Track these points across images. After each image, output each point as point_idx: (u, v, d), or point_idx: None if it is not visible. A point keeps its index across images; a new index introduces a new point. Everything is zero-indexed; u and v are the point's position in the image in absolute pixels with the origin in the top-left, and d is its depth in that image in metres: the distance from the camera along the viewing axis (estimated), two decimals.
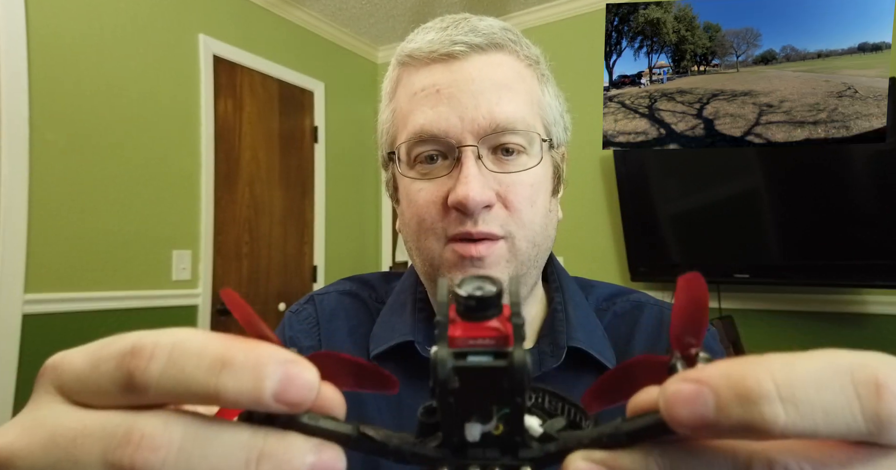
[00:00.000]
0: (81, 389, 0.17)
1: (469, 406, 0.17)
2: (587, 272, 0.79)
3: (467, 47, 0.46)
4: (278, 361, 0.16)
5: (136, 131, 1.95)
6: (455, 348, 0.16)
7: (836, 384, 0.13)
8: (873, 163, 1.71)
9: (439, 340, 0.16)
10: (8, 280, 1.60)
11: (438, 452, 0.18)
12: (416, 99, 0.47)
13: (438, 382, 0.16)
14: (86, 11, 1.82)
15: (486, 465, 0.17)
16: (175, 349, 0.16)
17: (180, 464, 0.15)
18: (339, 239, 2.82)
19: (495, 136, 0.45)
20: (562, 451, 0.17)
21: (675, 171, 2.07)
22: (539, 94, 0.50)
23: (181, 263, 2.07)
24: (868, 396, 0.13)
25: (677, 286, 0.17)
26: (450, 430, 0.17)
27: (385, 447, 0.18)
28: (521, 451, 0.18)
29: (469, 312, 0.17)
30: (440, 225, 0.46)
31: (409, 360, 0.49)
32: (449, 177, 0.46)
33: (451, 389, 0.16)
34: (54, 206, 1.73)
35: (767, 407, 0.13)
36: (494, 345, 0.17)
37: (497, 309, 0.17)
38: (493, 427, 0.17)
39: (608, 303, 0.56)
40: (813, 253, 1.79)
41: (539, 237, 0.48)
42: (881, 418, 0.13)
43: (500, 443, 0.17)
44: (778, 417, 0.13)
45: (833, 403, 0.13)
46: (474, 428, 0.17)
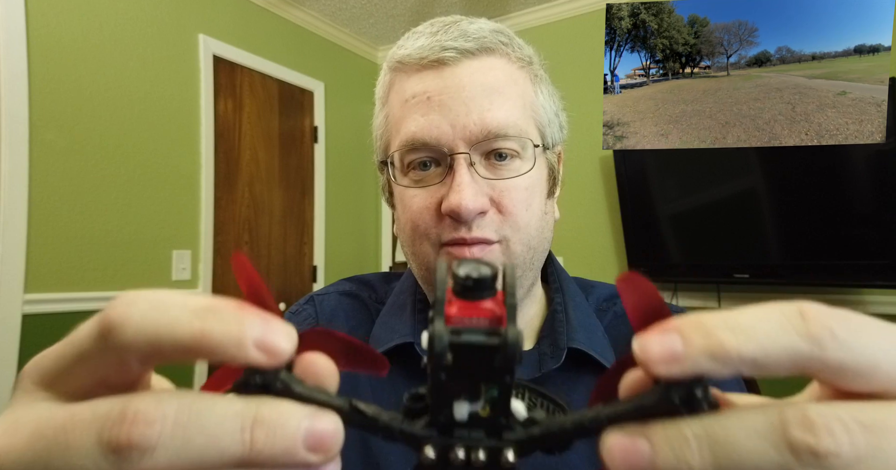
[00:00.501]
0: (64, 365, 0.18)
1: (459, 383, 0.17)
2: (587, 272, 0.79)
3: (457, 53, 0.46)
4: (259, 315, 0.17)
5: (136, 131, 1.95)
6: (451, 326, 0.17)
7: (770, 317, 0.16)
8: (873, 163, 1.71)
9: (436, 316, 0.17)
10: (8, 280, 1.60)
11: (426, 430, 0.18)
12: (408, 106, 0.47)
13: (434, 356, 0.16)
14: (86, 11, 1.82)
15: (471, 445, 0.18)
16: (157, 297, 0.17)
17: (177, 436, 0.15)
18: (339, 239, 2.82)
19: (487, 143, 0.45)
20: (544, 435, 0.18)
21: (674, 171, 2.07)
22: (532, 96, 0.49)
23: (181, 263, 2.07)
24: (796, 320, 0.16)
25: (618, 290, 0.19)
26: (438, 408, 0.18)
27: (375, 422, 0.18)
28: (506, 433, 0.18)
29: (466, 291, 0.18)
30: (434, 231, 0.46)
31: (409, 361, 0.49)
32: (442, 184, 0.46)
33: (444, 364, 0.17)
34: (54, 206, 1.73)
35: (722, 334, 0.16)
36: (488, 324, 0.17)
37: (492, 290, 0.18)
38: (480, 407, 0.18)
39: (608, 303, 0.56)
40: (813, 253, 1.79)
41: (535, 240, 0.48)
42: (814, 335, 0.15)
43: (486, 425, 0.18)
44: (730, 341, 0.15)
45: (772, 328, 0.16)
46: (462, 407, 0.18)
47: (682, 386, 0.16)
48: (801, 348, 0.15)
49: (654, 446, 0.16)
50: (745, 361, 0.16)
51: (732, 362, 0.16)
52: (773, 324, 0.16)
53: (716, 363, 0.16)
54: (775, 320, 0.16)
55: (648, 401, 0.17)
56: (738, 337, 0.16)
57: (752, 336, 0.16)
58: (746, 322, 0.16)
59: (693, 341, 0.16)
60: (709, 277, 1.98)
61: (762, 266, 1.88)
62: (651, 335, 0.17)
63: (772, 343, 0.15)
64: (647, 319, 0.18)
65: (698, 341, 0.16)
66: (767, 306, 0.16)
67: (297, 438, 0.16)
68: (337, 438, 0.17)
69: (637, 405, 0.17)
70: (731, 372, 0.16)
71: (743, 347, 0.15)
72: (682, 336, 0.16)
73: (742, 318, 0.16)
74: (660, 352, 0.16)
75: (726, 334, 0.16)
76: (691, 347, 0.16)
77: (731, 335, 0.16)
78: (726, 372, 0.16)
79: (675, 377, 0.16)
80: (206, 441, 0.15)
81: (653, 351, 0.16)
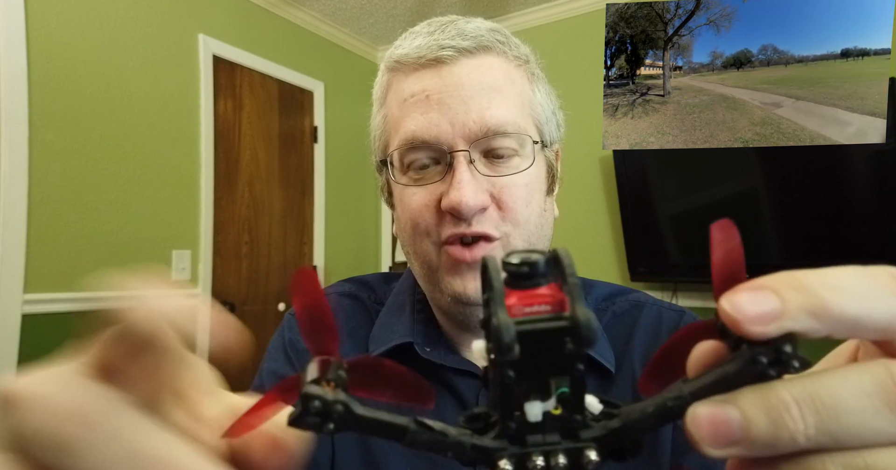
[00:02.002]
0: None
1: (529, 380, 0.16)
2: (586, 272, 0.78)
3: (455, 51, 0.46)
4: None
5: (136, 131, 1.95)
6: (512, 317, 0.16)
7: (865, 279, 0.15)
8: (873, 163, 1.71)
9: (498, 308, 0.15)
10: (8, 280, 1.60)
11: (498, 442, 0.17)
12: (407, 105, 0.47)
13: (502, 350, 0.15)
14: (86, 11, 1.82)
15: (549, 450, 0.16)
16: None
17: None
18: (339, 239, 2.82)
19: (486, 140, 0.45)
20: (626, 426, 0.16)
21: (674, 171, 2.07)
22: (530, 94, 0.50)
23: (181, 263, 2.07)
24: (894, 284, 0.15)
25: (711, 238, 0.17)
26: (508, 413, 0.16)
27: (445, 438, 0.16)
28: (583, 431, 0.17)
29: (520, 280, 0.16)
30: (435, 229, 0.46)
31: (409, 361, 0.49)
32: (442, 182, 0.46)
33: (511, 360, 0.15)
34: (54, 206, 1.73)
35: (823, 291, 0.15)
36: (551, 310, 0.16)
37: (546, 277, 0.17)
38: (552, 406, 0.16)
39: (607, 303, 0.56)
40: (812, 253, 1.79)
41: (535, 237, 0.48)
42: None
43: (561, 425, 0.17)
44: (833, 300, 0.15)
45: (873, 290, 0.15)
46: (535, 406, 0.16)
47: (768, 347, 0.15)
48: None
49: (747, 413, 0.15)
50: (845, 322, 0.15)
51: (833, 322, 0.15)
52: (872, 285, 0.15)
53: (816, 322, 0.15)
54: (873, 282, 0.15)
55: (732, 368, 0.15)
56: (841, 296, 0.15)
57: (854, 295, 0.15)
58: (845, 281, 0.15)
59: (791, 299, 0.15)
60: (709, 277, 1.96)
61: (762, 266, 1.86)
62: (742, 293, 0.15)
63: (873, 305, 0.15)
64: (726, 282, 0.17)
65: (797, 299, 0.15)
66: (852, 268, 0.16)
67: None
68: None
69: (720, 375, 0.16)
70: (826, 333, 0.15)
71: (846, 307, 0.15)
72: (779, 294, 0.15)
73: (839, 276, 0.15)
74: (756, 310, 0.15)
75: (829, 292, 0.15)
76: (791, 304, 0.15)
77: (833, 293, 0.15)
78: (822, 333, 0.15)
79: (768, 337, 0.15)
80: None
81: (747, 309, 0.15)
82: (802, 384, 0.15)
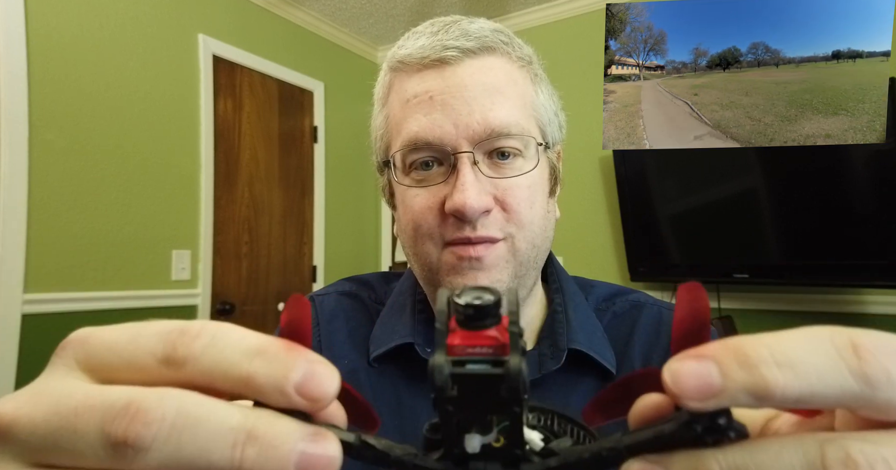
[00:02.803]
0: (113, 359, 0.17)
1: (468, 416, 0.17)
2: (586, 272, 0.78)
3: (459, 52, 0.46)
4: (307, 359, 0.16)
5: (136, 131, 1.95)
6: (453, 356, 0.16)
7: (820, 349, 0.14)
8: (873, 163, 1.71)
9: (438, 347, 0.16)
10: (8, 280, 1.60)
11: (440, 464, 0.18)
12: (410, 106, 0.47)
13: (436, 389, 0.16)
14: (86, 11, 1.82)
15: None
16: (219, 332, 0.17)
17: (170, 441, 0.15)
18: (339, 239, 2.82)
19: (490, 142, 0.45)
20: (562, 466, 0.17)
21: (674, 171, 2.07)
22: (533, 95, 0.49)
23: (181, 263, 2.07)
24: (849, 356, 0.14)
25: (677, 296, 0.17)
26: (450, 440, 0.17)
27: (387, 457, 0.17)
28: (523, 465, 0.17)
29: (468, 320, 0.17)
30: (437, 231, 0.46)
31: (410, 361, 0.49)
32: (445, 183, 0.45)
33: (449, 397, 0.16)
34: (54, 206, 1.72)
35: (766, 370, 0.14)
36: (492, 353, 0.17)
37: (495, 318, 0.17)
38: (493, 439, 0.17)
39: (607, 303, 0.56)
40: (812, 253, 1.79)
41: (538, 238, 0.48)
42: (868, 376, 0.14)
43: (502, 456, 0.17)
44: (777, 378, 0.14)
45: (823, 365, 0.14)
46: (474, 439, 0.17)
47: (704, 416, 0.15)
48: (851, 389, 0.14)
49: None
50: (787, 400, 0.14)
51: (774, 402, 0.14)
52: (823, 358, 0.14)
53: (755, 401, 0.14)
54: (826, 354, 0.14)
55: (669, 429, 0.16)
56: (784, 374, 0.14)
57: (800, 373, 0.14)
58: (794, 354, 0.14)
59: (732, 375, 0.14)
60: (709, 277, 1.98)
61: (762, 266, 1.88)
62: (684, 362, 0.15)
63: (821, 383, 0.14)
64: (686, 338, 0.17)
65: (738, 375, 0.14)
66: (815, 332, 0.15)
67: (289, 460, 0.15)
68: (333, 465, 0.16)
69: (657, 433, 0.16)
70: (768, 407, 0.15)
71: (789, 386, 0.14)
72: (720, 366, 0.14)
73: (789, 348, 0.14)
74: (694, 385, 0.14)
75: (771, 371, 0.14)
76: (730, 381, 0.14)
77: (776, 372, 0.14)
78: (762, 408, 0.15)
79: (706, 411, 0.15)
80: (197, 451, 0.15)
81: (686, 383, 0.15)
82: (734, 456, 0.15)
